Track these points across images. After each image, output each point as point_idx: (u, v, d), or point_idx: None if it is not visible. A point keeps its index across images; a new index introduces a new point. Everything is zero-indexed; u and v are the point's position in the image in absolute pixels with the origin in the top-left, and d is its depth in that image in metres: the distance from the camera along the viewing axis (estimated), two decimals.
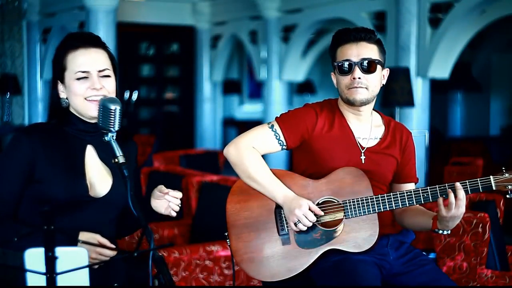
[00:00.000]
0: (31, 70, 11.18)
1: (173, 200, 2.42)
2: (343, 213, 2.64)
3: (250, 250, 2.67)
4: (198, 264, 3.96)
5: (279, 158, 9.33)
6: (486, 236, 3.48)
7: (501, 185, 2.56)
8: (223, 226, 2.74)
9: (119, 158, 2.17)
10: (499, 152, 9.73)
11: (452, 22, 7.06)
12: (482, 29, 7.68)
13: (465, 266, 3.54)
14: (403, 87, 6.28)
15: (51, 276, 1.72)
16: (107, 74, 2.38)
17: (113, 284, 2.40)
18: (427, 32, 7.23)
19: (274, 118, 2.78)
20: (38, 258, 1.73)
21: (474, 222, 3.50)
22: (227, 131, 13.08)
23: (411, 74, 6.86)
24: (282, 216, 2.67)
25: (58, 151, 2.35)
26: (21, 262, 1.77)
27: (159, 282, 2.04)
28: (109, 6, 8.75)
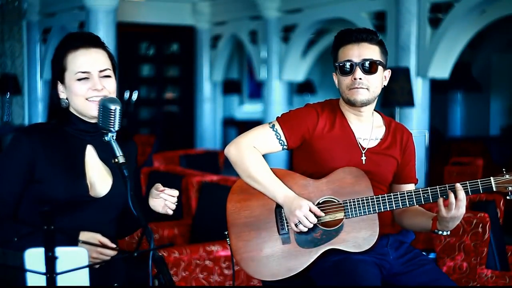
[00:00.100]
0: (31, 70, 11.18)
1: (169, 198, 2.41)
2: (344, 213, 2.64)
3: (250, 249, 2.67)
4: (198, 264, 3.96)
5: (279, 157, 9.32)
6: (486, 236, 3.48)
7: (501, 186, 2.55)
8: (223, 226, 2.74)
9: (119, 158, 2.17)
10: (499, 152, 9.72)
11: (452, 22, 7.06)
12: (482, 29, 7.67)
13: (465, 266, 3.54)
14: (403, 87, 6.28)
15: (51, 276, 1.72)
16: (108, 74, 2.38)
17: (113, 284, 2.40)
18: (427, 32, 7.23)
19: (275, 118, 2.78)
20: (38, 258, 1.73)
21: (474, 222, 3.50)
22: (227, 131, 13.07)
23: (411, 74, 6.85)
24: (283, 215, 2.67)
25: (58, 151, 2.34)
26: (21, 262, 1.77)
27: (159, 282, 2.04)
28: (109, 6, 8.74)
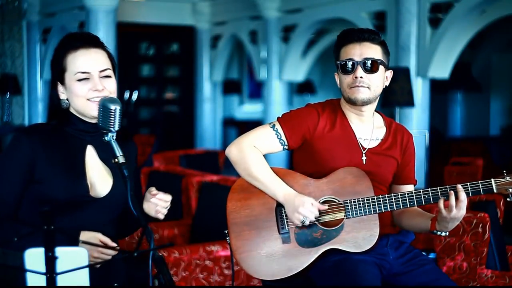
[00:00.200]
0: (31, 70, 11.18)
1: (159, 203, 2.38)
2: (344, 213, 2.64)
3: (250, 248, 2.67)
4: (198, 264, 3.96)
5: (279, 157, 9.32)
6: (486, 236, 3.48)
7: (502, 188, 2.56)
8: (223, 226, 2.74)
9: (119, 158, 2.17)
10: (499, 152, 9.71)
11: (452, 22, 7.06)
12: (482, 29, 7.67)
13: (465, 266, 3.54)
14: (403, 87, 6.28)
15: (51, 276, 1.72)
16: (108, 74, 2.38)
17: (113, 284, 2.40)
18: (427, 32, 7.23)
19: (276, 118, 2.78)
20: (38, 258, 1.73)
21: (474, 222, 3.50)
22: (227, 131, 13.07)
23: (411, 74, 6.85)
24: (283, 214, 2.67)
25: (58, 151, 2.34)
26: (21, 262, 1.77)
27: (159, 282, 2.04)
28: (109, 6, 8.75)
